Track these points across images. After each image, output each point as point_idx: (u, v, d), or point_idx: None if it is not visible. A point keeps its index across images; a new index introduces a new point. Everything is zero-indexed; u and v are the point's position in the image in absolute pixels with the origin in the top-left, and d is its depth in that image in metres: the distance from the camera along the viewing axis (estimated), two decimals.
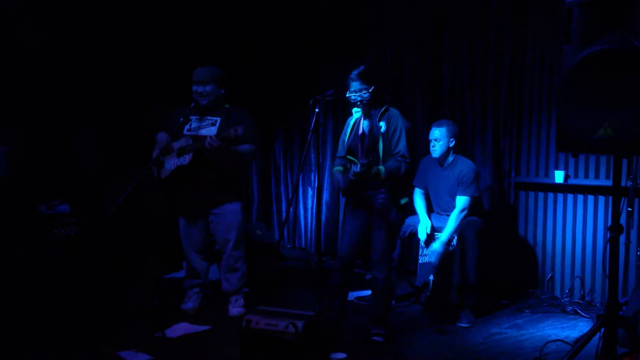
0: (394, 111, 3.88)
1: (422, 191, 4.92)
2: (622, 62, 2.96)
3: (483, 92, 5.38)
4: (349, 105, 3.97)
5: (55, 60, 5.91)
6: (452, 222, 4.56)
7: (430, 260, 4.60)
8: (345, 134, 4.01)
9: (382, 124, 3.81)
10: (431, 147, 4.73)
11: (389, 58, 6.01)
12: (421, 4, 5.75)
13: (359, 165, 3.61)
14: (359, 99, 3.83)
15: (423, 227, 4.66)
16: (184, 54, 6.38)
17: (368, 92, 3.81)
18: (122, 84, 6.24)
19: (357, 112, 3.98)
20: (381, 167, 3.72)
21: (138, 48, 6.29)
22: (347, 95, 3.86)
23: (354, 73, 3.83)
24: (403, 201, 3.89)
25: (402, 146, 3.80)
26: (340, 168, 3.92)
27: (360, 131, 3.91)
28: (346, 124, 4.07)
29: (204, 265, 4.63)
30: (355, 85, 3.82)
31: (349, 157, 3.94)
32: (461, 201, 4.60)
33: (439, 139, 4.68)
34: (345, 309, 4.07)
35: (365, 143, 3.85)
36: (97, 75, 6.15)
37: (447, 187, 4.73)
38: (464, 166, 4.70)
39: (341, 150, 4.04)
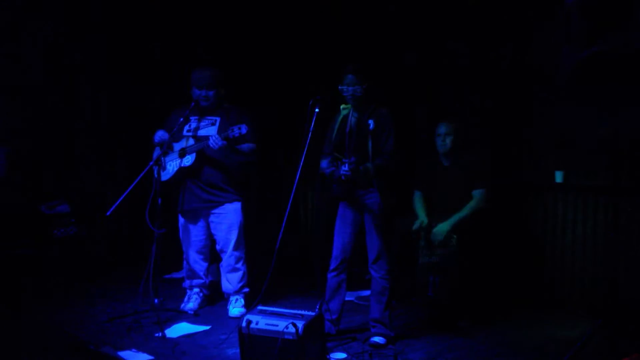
0: (383, 110, 3.86)
1: (421, 194, 4.90)
2: (622, 62, 2.96)
3: (483, 92, 5.38)
4: (340, 99, 3.92)
5: (54, 61, 5.93)
6: (466, 210, 4.60)
7: (435, 238, 4.60)
8: (332, 131, 3.97)
9: (371, 122, 3.77)
10: (440, 142, 4.73)
11: (389, 58, 6.00)
12: (421, 4, 5.75)
13: (346, 164, 3.57)
14: (350, 92, 3.80)
15: (419, 221, 4.67)
16: (183, 53, 6.38)
17: (361, 87, 3.78)
18: (121, 85, 6.25)
19: (344, 109, 3.96)
20: (369, 165, 3.70)
21: (137, 47, 6.29)
22: (339, 88, 3.82)
23: (350, 66, 3.81)
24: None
25: (391, 145, 3.78)
26: (329, 171, 3.87)
27: (348, 128, 3.89)
28: (333, 120, 4.01)
29: (204, 265, 4.64)
30: (349, 78, 3.79)
31: (335, 154, 3.88)
32: (478, 194, 4.64)
33: (449, 133, 4.70)
34: (344, 309, 4.07)
35: (353, 140, 3.83)
36: (95, 76, 6.16)
37: (455, 184, 4.72)
38: (472, 160, 4.75)
39: (327, 147, 3.98)
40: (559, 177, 4.91)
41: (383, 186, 3.79)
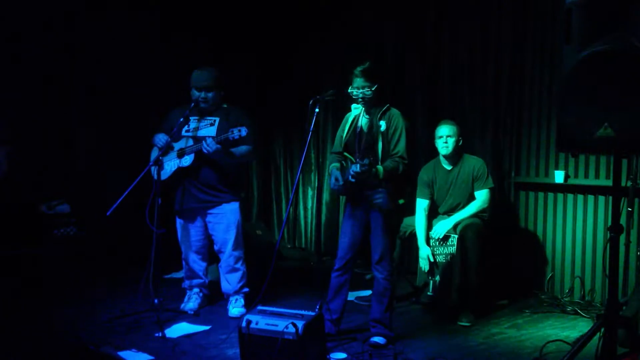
0: (395, 111, 3.85)
1: (427, 202, 4.83)
2: (622, 62, 2.96)
3: (483, 92, 5.38)
4: (349, 101, 3.92)
5: (52, 61, 5.92)
6: (470, 209, 4.63)
7: (434, 235, 4.61)
8: (343, 130, 3.98)
9: (382, 123, 3.78)
10: (442, 144, 4.71)
11: (389, 58, 6.01)
12: (421, 4, 5.75)
13: (358, 165, 3.57)
14: (360, 95, 3.79)
15: (424, 256, 4.66)
16: (183, 53, 6.39)
17: (371, 90, 3.77)
18: (120, 85, 6.25)
19: (356, 109, 3.96)
20: (379, 167, 3.70)
21: (135, 47, 6.28)
22: (349, 91, 3.82)
23: (358, 69, 3.79)
24: (400, 202, 3.88)
25: (401, 147, 3.78)
26: (338, 165, 3.91)
27: (359, 128, 3.89)
28: (344, 120, 4.03)
29: (203, 266, 4.63)
30: (358, 81, 3.78)
31: (345, 153, 3.93)
32: (482, 195, 4.67)
33: (451, 135, 4.69)
34: (345, 309, 4.07)
35: (364, 141, 3.83)
36: (95, 77, 6.16)
37: (458, 186, 4.72)
38: (475, 161, 4.75)
39: (337, 146, 4.00)
40: (559, 177, 4.91)
41: (391, 187, 3.78)
